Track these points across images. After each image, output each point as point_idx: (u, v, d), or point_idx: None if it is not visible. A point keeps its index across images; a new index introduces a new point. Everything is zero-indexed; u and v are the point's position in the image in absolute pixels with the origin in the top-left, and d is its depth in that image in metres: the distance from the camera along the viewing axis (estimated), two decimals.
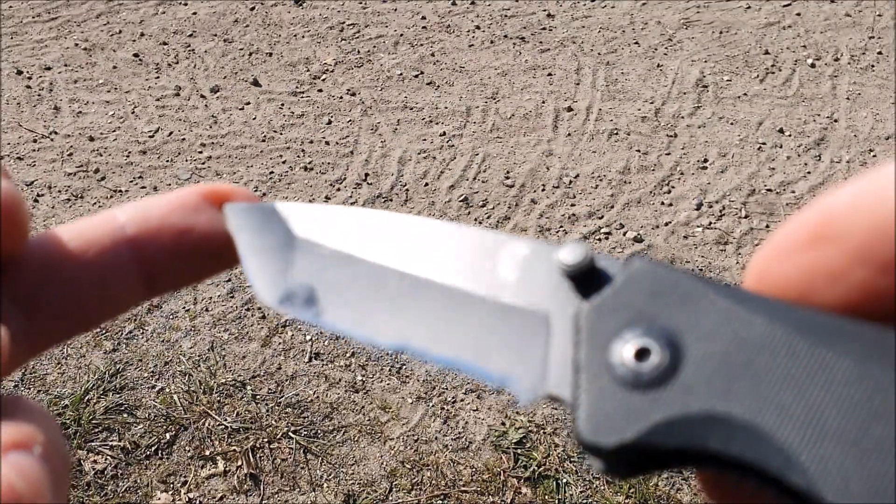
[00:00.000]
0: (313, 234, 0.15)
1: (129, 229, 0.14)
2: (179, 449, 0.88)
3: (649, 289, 0.11)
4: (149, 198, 0.15)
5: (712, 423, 0.10)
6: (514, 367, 0.12)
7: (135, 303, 0.15)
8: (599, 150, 1.27)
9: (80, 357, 0.97)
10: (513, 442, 0.88)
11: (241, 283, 1.07)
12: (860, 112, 1.36)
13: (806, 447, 0.09)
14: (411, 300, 0.13)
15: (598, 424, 0.10)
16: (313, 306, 0.14)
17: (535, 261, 0.12)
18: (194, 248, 0.15)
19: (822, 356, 0.09)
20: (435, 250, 0.14)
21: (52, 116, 1.36)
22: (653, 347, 0.10)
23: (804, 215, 0.10)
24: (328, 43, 1.51)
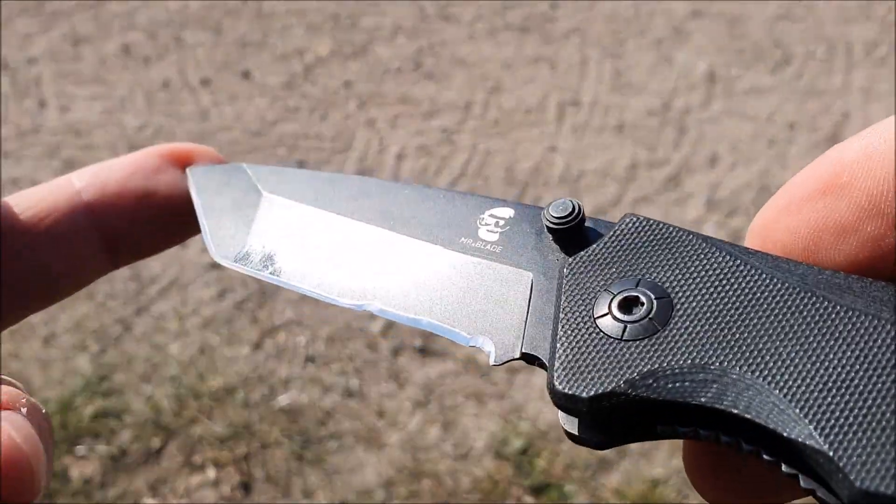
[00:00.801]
0: (282, 192, 0.14)
1: (86, 195, 0.13)
2: (169, 456, 0.85)
3: (641, 243, 0.11)
4: (107, 161, 0.14)
5: (704, 377, 0.09)
6: (487, 327, 0.11)
7: (99, 273, 0.14)
8: (605, 146, 1.24)
9: (66, 360, 0.95)
10: (515, 449, 0.85)
11: (231, 284, 1.04)
12: (873, 106, 1.33)
13: (807, 400, 0.08)
14: (381, 257, 0.13)
15: (576, 374, 0.10)
16: (270, 265, 0.14)
17: (520, 222, 0.12)
18: (157, 212, 0.14)
19: (824, 310, 0.09)
20: (412, 210, 0.13)
21: (37, 111, 1.32)
22: (642, 298, 0.10)
23: (813, 168, 0.10)
24: (323, 34, 1.47)
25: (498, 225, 0.12)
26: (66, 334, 0.98)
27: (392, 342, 0.96)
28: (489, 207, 0.12)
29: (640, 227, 0.11)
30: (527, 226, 0.12)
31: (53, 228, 0.13)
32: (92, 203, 0.13)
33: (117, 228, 0.14)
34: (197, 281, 1.04)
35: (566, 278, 0.11)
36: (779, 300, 0.09)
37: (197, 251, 1.09)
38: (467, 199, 0.13)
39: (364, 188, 0.14)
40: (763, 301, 0.09)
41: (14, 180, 1.21)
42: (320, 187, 0.14)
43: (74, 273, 0.13)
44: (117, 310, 1.01)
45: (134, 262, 0.14)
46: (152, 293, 1.03)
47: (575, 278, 0.11)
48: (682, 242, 0.10)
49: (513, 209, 0.12)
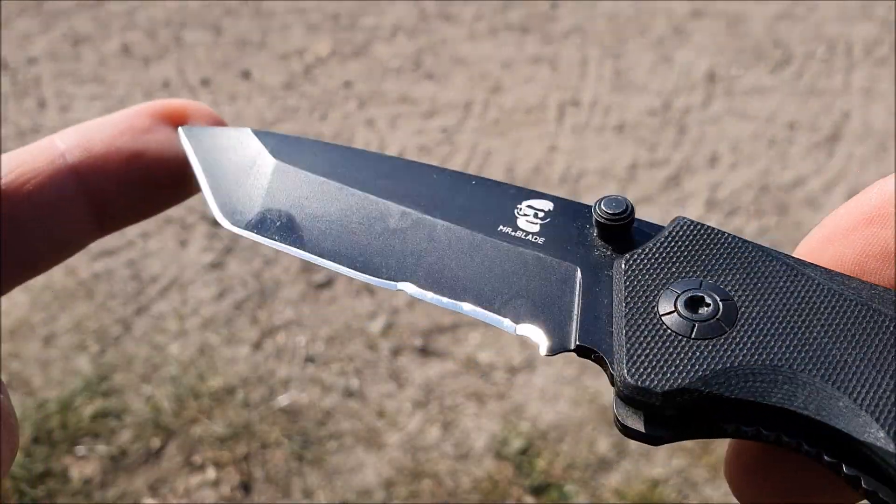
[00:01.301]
0: (297, 162, 0.14)
1: (70, 157, 0.12)
2: (168, 456, 0.85)
3: (697, 245, 0.11)
4: (92, 120, 0.13)
5: (775, 377, 0.09)
6: (535, 317, 0.11)
7: (86, 240, 0.13)
8: (606, 146, 1.24)
9: (66, 360, 0.94)
10: (515, 449, 0.85)
11: (231, 284, 1.04)
12: (873, 106, 1.33)
13: (876, 405, 0.09)
14: (415, 240, 0.12)
15: (649, 369, 0.10)
16: (289, 235, 0.13)
17: (560, 215, 0.12)
18: (147, 174, 0.13)
19: (882, 322, 0.09)
20: (444, 194, 0.13)
21: (37, 110, 1.32)
22: (707, 298, 0.10)
23: (858, 199, 0.10)
24: (322, 33, 1.47)
25: (538, 216, 0.12)
26: (66, 334, 0.98)
27: (392, 342, 0.96)
28: (526, 198, 0.12)
29: (694, 231, 0.11)
30: (568, 220, 0.12)
31: (36, 194, 0.12)
32: (77, 165, 0.13)
33: (105, 192, 0.13)
34: (197, 281, 1.04)
35: (625, 274, 0.11)
36: (837, 310, 0.09)
37: (197, 251, 1.09)
38: (502, 187, 0.13)
39: (389, 167, 0.13)
40: (823, 310, 0.10)
41: None
42: (338, 160, 0.14)
43: (60, 241, 0.12)
44: (117, 310, 1.01)
45: (122, 228, 0.13)
46: (152, 293, 1.03)
47: (635, 275, 0.11)
48: (738, 248, 0.10)
49: (551, 202, 0.12)
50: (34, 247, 0.12)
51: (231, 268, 1.06)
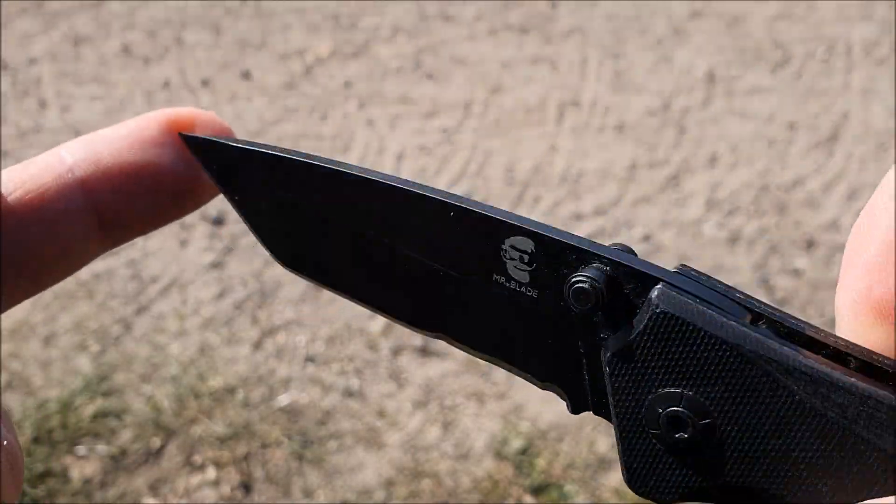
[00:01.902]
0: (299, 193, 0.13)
1: (78, 171, 0.12)
2: (169, 456, 0.85)
3: (678, 348, 0.11)
4: (99, 131, 0.13)
5: (747, 493, 0.10)
6: (555, 376, 0.12)
7: (95, 253, 0.13)
8: (605, 146, 1.24)
9: (67, 360, 0.95)
10: (515, 449, 0.85)
11: (231, 284, 1.04)
12: (873, 106, 1.33)
13: None
14: (430, 288, 0.12)
15: (646, 483, 0.11)
16: (327, 276, 0.13)
17: (543, 258, 0.12)
18: (156, 187, 0.13)
19: (859, 444, 0.09)
20: (427, 227, 0.12)
21: (38, 111, 1.32)
22: (687, 418, 0.11)
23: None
24: (322, 33, 1.47)
25: (523, 261, 0.12)
26: (66, 334, 0.98)
27: (392, 342, 0.96)
28: (506, 235, 0.12)
29: (676, 328, 0.11)
30: (551, 266, 0.12)
31: (44, 210, 0.12)
32: (85, 179, 0.12)
33: (114, 206, 0.13)
34: (197, 281, 1.04)
35: (611, 375, 0.11)
36: (816, 432, 0.09)
37: (197, 251, 1.09)
38: (475, 216, 0.12)
39: (361, 187, 0.13)
40: (800, 432, 0.10)
41: None
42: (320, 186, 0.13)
43: (69, 256, 0.12)
44: (117, 310, 1.01)
45: (131, 240, 0.13)
46: (152, 293, 1.03)
47: (619, 378, 0.11)
48: (719, 354, 0.10)
49: (531, 241, 0.12)
50: (41, 262, 0.12)
51: (231, 268, 1.06)
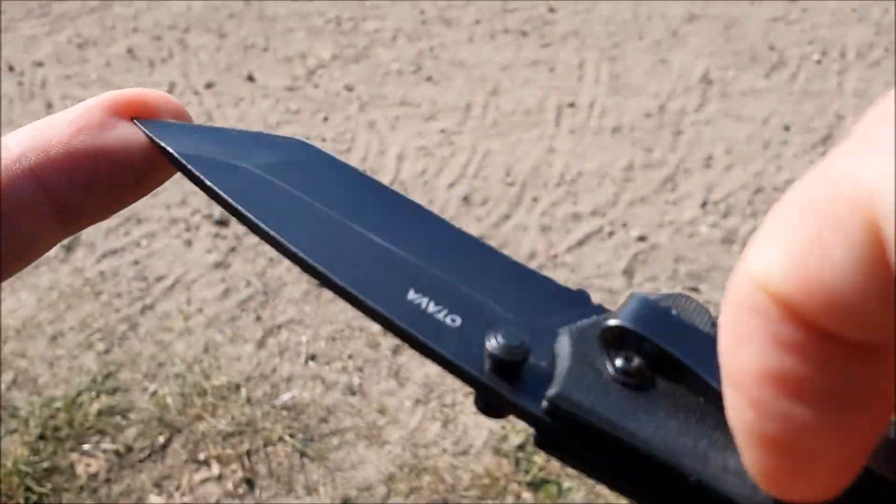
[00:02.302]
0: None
1: (26, 160, 0.12)
2: (173, 452, 0.86)
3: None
4: (45, 118, 0.13)
5: None
6: None
7: (52, 241, 0.13)
8: (603, 147, 1.26)
9: (73, 358, 0.96)
10: (514, 446, 0.86)
11: (235, 283, 1.05)
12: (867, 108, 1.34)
13: None
14: None
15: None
16: None
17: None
18: (109, 172, 0.12)
19: None
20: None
21: (44, 113, 1.34)
22: None
23: None
24: (324, 37, 1.48)
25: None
26: (71, 333, 0.99)
27: (392, 341, 0.97)
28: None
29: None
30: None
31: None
32: (34, 168, 0.12)
33: (67, 193, 0.12)
34: (201, 280, 1.05)
35: None
36: None
37: (202, 251, 1.10)
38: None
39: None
40: None
41: None
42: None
43: (24, 246, 0.12)
44: (123, 308, 1.02)
45: (88, 226, 0.12)
46: (157, 292, 1.04)
47: None
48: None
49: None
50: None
51: (235, 267, 1.07)
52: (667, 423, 0.10)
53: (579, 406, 0.10)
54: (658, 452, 0.10)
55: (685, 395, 0.10)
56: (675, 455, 0.10)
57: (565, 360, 0.10)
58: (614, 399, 0.10)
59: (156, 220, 1.14)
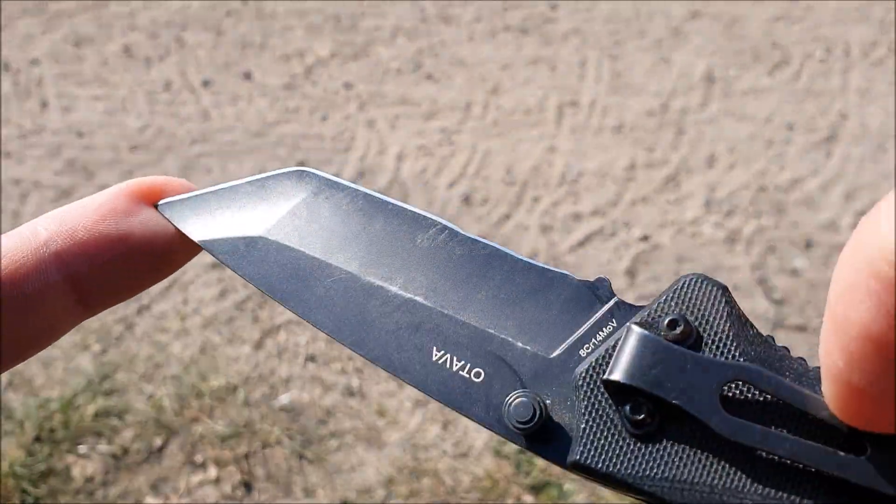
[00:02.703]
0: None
1: (53, 245, 0.13)
2: (170, 455, 0.86)
3: None
4: (72, 204, 0.13)
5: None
6: None
7: (73, 323, 0.14)
8: (604, 146, 1.25)
9: (69, 360, 0.95)
10: (514, 448, 0.86)
11: (232, 284, 1.04)
12: (871, 107, 1.33)
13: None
14: None
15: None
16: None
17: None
18: (131, 256, 0.13)
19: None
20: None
21: (39, 112, 1.33)
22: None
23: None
24: (323, 35, 1.47)
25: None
26: (67, 334, 0.98)
27: None
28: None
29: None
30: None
31: (22, 285, 0.12)
32: (61, 253, 0.13)
33: (90, 277, 0.13)
34: (198, 280, 1.05)
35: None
36: None
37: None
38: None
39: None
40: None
41: (16, 181, 1.21)
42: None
43: (48, 329, 0.13)
44: (119, 309, 1.01)
45: (108, 308, 0.14)
46: (153, 292, 1.03)
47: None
48: None
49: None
50: (21, 336, 0.12)
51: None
52: (681, 471, 0.11)
53: (597, 471, 0.12)
54: (678, 502, 0.11)
55: (694, 434, 0.11)
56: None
57: (582, 416, 0.12)
58: (629, 454, 0.12)
59: None
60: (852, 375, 0.09)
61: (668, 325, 0.12)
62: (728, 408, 0.11)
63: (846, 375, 0.09)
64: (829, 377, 0.10)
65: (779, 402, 0.11)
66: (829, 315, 0.09)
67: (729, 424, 0.11)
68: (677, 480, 0.11)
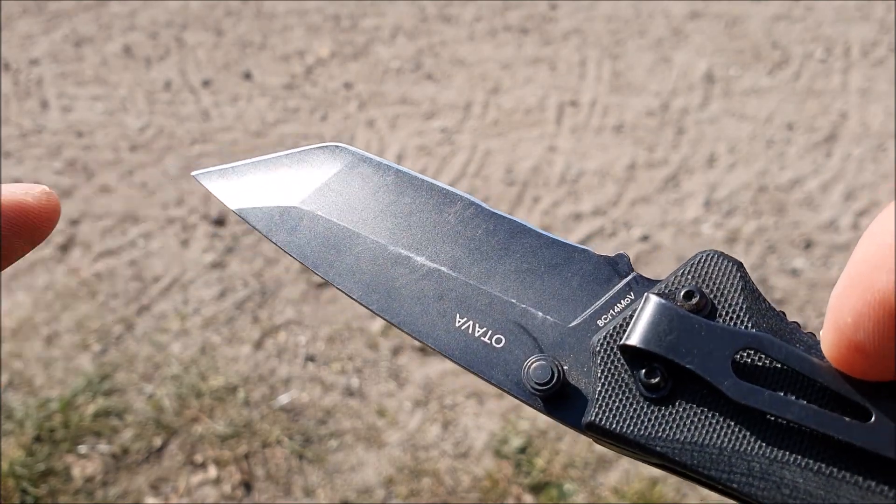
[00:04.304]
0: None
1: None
2: (170, 455, 0.86)
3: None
4: None
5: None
6: None
7: None
8: (604, 146, 1.25)
9: (68, 360, 0.95)
10: (514, 448, 0.85)
11: (232, 283, 1.04)
12: (871, 107, 1.33)
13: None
14: None
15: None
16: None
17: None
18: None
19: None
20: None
21: (39, 111, 1.33)
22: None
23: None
24: (323, 34, 1.47)
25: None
26: (67, 334, 0.98)
27: (392, 342, 0.96)
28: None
29: None
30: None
31: None
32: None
33: None
34: (198, 281, 1.04)
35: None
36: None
37: (198, 251, 1.09)
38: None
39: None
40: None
41: (16, 180, 1.21)
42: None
43: None
44: (119, 309, 1.01)
45: None
46: (154, 293, 1.03)
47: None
48: None
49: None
50: None
51: (232, 267, 1.06)
52: (692, 433, 0.11)
53: (611, 431, 0.12)
54: (688, 463, 0.11)
55: (706, 398, 0.12)
56: (702, 466, 0.11)
57: (598, 379, 0.12)
58: (642, 416, 0.12)
59: (152, 220, 1.13)
60: (857, 333, 0.10)
61: (685, 297, 0.12)
62: (740, 374, 0.12)
63: (851, 332, 0.10)
64: (834, 328, 0.11)
65: (788, 370, 0.11)
66: (850, 276, 0.10)
67: (740, 388, 0.11)
68: (688, 442, 0.11)
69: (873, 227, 0.10)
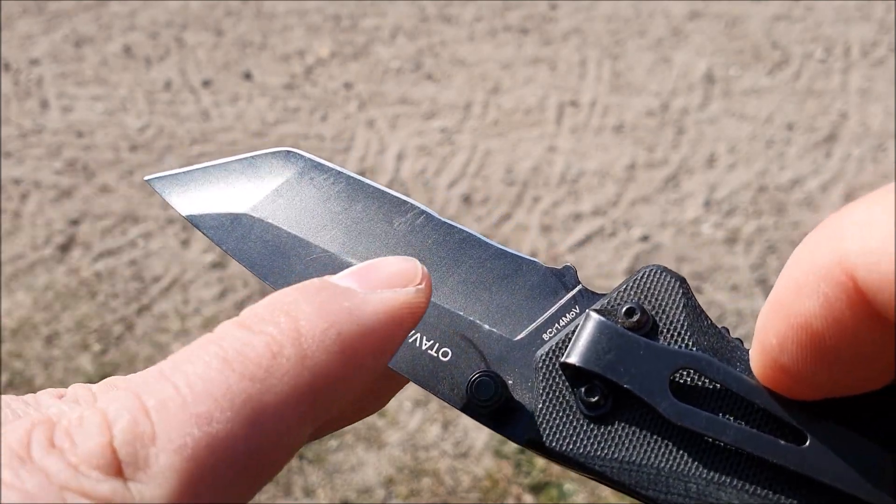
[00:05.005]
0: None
1: None
2: None
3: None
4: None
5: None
6: None
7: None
8: (604, 146, 1.25)
9: (69, 360, 0.95)
10: (514, 448, 0.86)
11: (232, 284, 1.04)
12: (871, 107, 1.33)
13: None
14: None
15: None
16: None
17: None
18: None
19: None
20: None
21: (39, 111, 1.33)
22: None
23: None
24: (323, 34, 1.47)
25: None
26: (67, 334, 0.99)
27: None
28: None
29: None
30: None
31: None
32: None
33: None
34: (198, 281, 1.04)
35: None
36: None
37: (198, 251, 1.09)
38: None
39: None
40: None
41: (16, 180, 1.21)
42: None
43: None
44: (119, 309, 1.01)
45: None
46: (154, 293, 1.03)
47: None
48: None
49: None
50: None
51: (232, 267, 1.06)
52: (630, 453, 0.12)
53: (551, 449, 0.12)
54: (626, 483, 0.11)
55: (644, 417, 0.12)
56: (640, 486, 0.11)
57: (540, 396, 0.12)
58: (582, 435, 0.12)
59: (152, 220, 1.13)
60: (782, 355, 0.11)
61: (626, 313, 0.12)
62: (678, 394, 0.12)
63: (776, 353, 0.11)
64: (760, 349, 0.11)
65: (727, 391, 0.12)
66: (775, 299, 0.10)
67: (676, 409, 0.12)
68: (626, 462, 0.11)
69: (799, 252, 0.11)
